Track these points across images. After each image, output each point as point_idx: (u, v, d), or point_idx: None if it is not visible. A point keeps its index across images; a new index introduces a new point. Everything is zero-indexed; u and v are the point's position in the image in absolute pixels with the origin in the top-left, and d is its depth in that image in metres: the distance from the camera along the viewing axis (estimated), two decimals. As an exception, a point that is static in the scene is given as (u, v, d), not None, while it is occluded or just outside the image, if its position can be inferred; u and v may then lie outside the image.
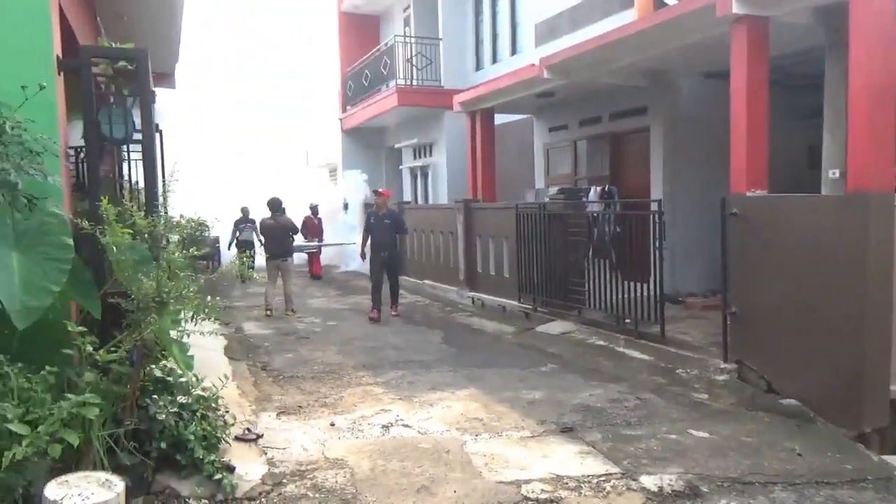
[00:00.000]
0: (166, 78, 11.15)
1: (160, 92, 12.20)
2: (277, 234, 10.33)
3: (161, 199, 4.35)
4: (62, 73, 4.44)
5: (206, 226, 5.28)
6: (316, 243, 15.25)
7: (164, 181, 5.38)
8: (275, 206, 10.58)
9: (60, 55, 4.43)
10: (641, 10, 9.05)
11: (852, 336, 4.89)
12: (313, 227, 15.58)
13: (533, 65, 9.54)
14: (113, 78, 5.06)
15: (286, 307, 10.28)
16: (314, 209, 15.82)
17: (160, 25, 8.23)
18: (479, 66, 14.71)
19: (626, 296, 7.45)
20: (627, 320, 7.42)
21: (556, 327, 8.27)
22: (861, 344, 4.84)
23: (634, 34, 7.43)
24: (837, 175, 6.64)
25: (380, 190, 10.73)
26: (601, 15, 10.35)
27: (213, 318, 3.87)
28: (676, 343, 6.80)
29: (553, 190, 10.40)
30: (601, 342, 7.42)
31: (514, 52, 13.43)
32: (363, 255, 10.42)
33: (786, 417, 5.09)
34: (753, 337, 5.80)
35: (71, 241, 3.56)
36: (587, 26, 10.51)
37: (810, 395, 5.20)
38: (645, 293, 7.18)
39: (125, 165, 6.32)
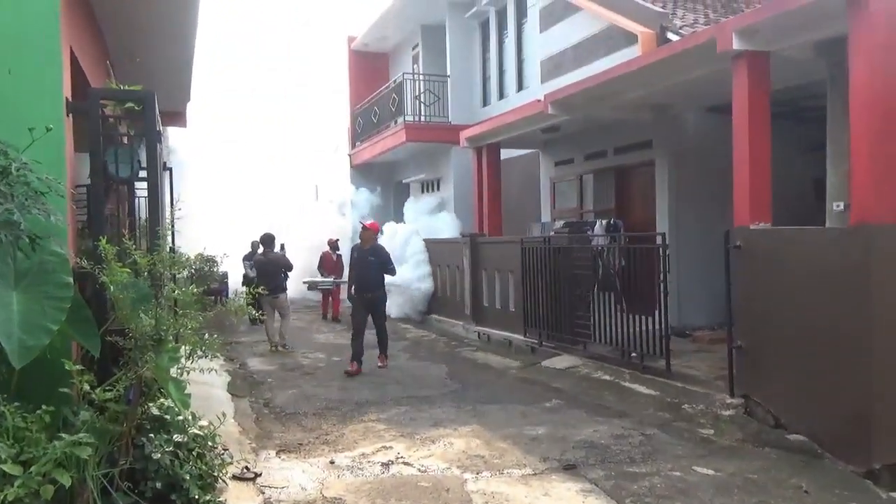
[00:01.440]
0: (178, 117, 11.39)
1: (175, 130, 12.48)
2: (267, 269, 10.34)
3: (163, 237, 4.41)
4: (71, 115, 4.56)
5: (214, 261, 5.30)
6: (331, 279, 14.16)
7: (171, 218, 5.47)
8: (266, 241, 10.63)
9: (70, 97, 4.55)
10: (645, 46, 9.16)
11: (860, 370, 4.81)
12: (331, 263, 14.53)
13: (538, 100, 9.65)
14: (121, 118, 5.20)
15: (278, 342, 10.20)
16: (333, 244, 14.82)
17: (172, 67, 8.44)
18: (486, 102, 14.90)
19: (631, 330, 7.41)
20: (633, 354, 7.36)
21: (561, 362, 8.20)
22: (869, 378, 4.76)
23: (636, 70, 7.52)
24: (842, 207, 6.61)
25: (365, 223, 9.35)
26: (605, 51, 10.49)
27: (210, 356, 3.88)
28: (682, 377, 6.73)
29: (559, 223, 10.43)
30: (606, 377, 7.35)
31: (520, 88, 13.61)
32: (351, 298, 9.01)
33: (793, 453, 4.99)
34: (760, 371, 5.73)
35: (71, 280, 3.61)
36: (592, 63, 10.64)
37: (818, 430, 5.10)
38: (651, 327, 7.14)
39: (137, 203, 6.41)
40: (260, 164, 22.47)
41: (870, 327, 4.76)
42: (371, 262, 8.61)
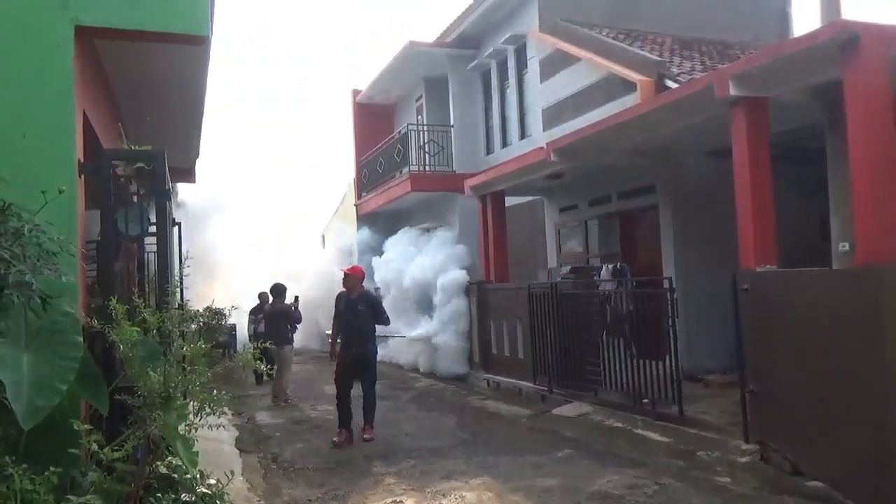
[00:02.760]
0: (187, 173, 11.59)
1: (184, 184, 12.64)
2: (272, 320, 10.45)
3: (172, 295, 4.45)
4: (83, 176, 4.66)
5: (223, 314, 5.32)
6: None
7: (180, 275, 5.52)
8: (274, 292, 10.76)
9: (82, 158, 4.66)
10: (644, 93, 9.33)
11: (877, 413, 4.71)
12: None
13: (541, 148, 9.79)
14: (132, 177, 5.30)
15: (278, 398, 10.06)
16: None
17: (182, 126, 8.64)
18: (489, 151, 15.11)
19: (642, 375, 7.33)
20: (645, 400, 7.27)
21: (572, 409, 8.11)
22: (889, 421, 4.66)
23: (636, 118, 7.65)
24: (847, 248, 6.62)
25: (345, 269, 8.29)
26: (605, 99, 10.66)
27: (218, 413, 3.86)
28: (696, 423, 6.62)
29: (565, 269, 10.44)
30: (618, 424, 7.25)
31: (522, 136, 13.80)
32: (333, 355, 7.78)
33: (812, 501, 4.88)
34: (774, 416, 5.63)
35: (81, 340, 3.63)
36: (593, 110, 10.79)
37: (837, 477, 4.98)
38: (662, 372, 7.07)
39: (146, 258, 6.48)
40: (269, 218, 22.68)
41: (885, 368, 4.69)
42: (361, 312, 7.57)
